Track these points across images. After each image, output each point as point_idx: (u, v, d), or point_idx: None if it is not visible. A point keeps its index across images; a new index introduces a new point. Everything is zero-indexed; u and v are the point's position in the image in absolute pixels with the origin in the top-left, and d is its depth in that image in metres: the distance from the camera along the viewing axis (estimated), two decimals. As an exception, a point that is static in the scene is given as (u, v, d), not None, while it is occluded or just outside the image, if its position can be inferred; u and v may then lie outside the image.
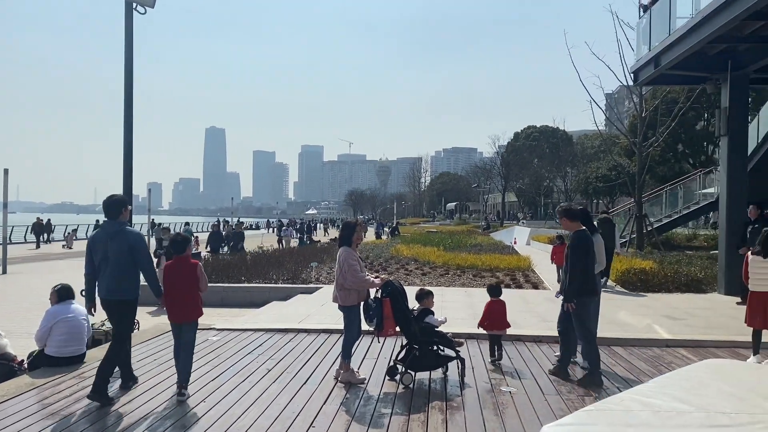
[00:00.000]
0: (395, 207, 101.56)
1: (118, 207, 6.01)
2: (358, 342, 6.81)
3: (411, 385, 6.27)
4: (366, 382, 6.44)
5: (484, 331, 7.45)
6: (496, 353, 7.27)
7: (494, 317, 7.31)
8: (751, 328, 7.20)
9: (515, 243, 29.32)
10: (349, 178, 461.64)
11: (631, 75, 16.65)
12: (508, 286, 14.18)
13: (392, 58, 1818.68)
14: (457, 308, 10.73)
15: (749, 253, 7.25)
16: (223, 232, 26.52)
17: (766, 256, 6.98)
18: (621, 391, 5.80)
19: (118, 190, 10.06)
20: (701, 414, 4.68)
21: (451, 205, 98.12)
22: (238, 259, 17.97)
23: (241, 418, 5.34)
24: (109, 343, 6.38)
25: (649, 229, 21.54)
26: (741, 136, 13.41)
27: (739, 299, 11.17)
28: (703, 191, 23.78)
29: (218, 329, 9.17)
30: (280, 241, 32.10)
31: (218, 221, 41.98)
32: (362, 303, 6.50)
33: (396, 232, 40.45)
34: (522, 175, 68.55)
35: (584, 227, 6.55)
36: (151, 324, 9.83)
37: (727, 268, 12.96)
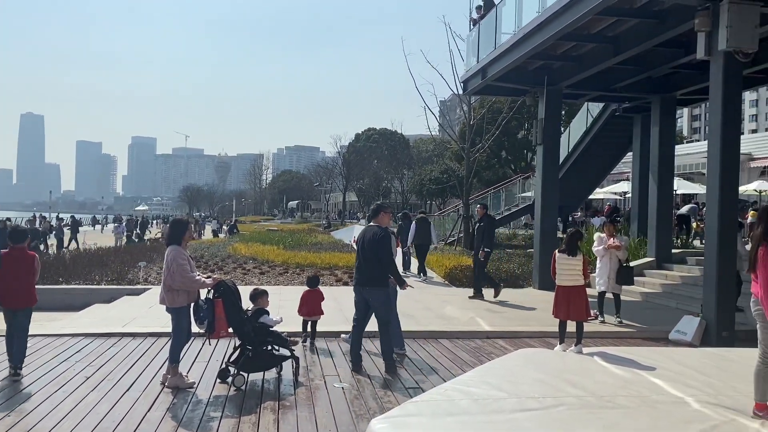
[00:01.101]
0: (234, 204, 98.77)
1: None
2: (188, 345, 6.54)
3: (243, 387, 6.15)
4: (195, 386, 6.21)
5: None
6: (308, 338, 8.09)
7: (308, 305, 8.13)
8: (558, 319, 7.96)
9: (354, 241, 29.92)
10: (185, 173, 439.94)
11: (461, 84, 17.68)
12: (346, 284, 14.43)
13: (233, 51, 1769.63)
14: (296, 307, 10.68)
15: (556, 251, 8.02)
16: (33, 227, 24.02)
17: (570, 254, 7.78)
18: (445, 381, 6.17)
19: None
20: (514, 400, 5.14)
21: (292, 204, 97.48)
22: (56, 259, 16.45)
23: (53, 431, 4.90)
24: None
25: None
26: (554, 146, 14.82)
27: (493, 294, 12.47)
28: (522, 195, 25.91)
29: (30, 335, 8.30)
30: (71, 240, 29.36)
31: (34, 216, 37.78)
32: (192, 304, 6.25)
33: (234, 230, 39.36)
34: (362, 175, 70.06)
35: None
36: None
37: (541, 265, 14.25)
